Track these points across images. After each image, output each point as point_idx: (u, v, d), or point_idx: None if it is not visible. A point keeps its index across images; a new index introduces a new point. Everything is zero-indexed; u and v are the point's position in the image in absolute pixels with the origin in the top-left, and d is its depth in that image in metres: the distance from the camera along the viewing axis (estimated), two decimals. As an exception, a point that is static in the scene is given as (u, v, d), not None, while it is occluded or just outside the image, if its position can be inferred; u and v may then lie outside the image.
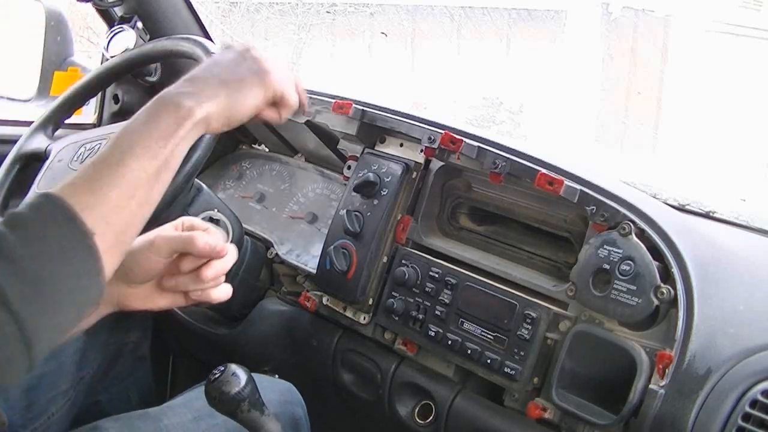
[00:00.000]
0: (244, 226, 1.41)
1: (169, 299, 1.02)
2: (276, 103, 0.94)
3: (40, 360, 0.71)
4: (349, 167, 1.38)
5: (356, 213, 1.29)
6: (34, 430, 1.24)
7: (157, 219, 1.05)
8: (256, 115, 0.93)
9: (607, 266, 1.04)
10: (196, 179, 1.30)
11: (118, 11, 1.71)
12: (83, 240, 0.73)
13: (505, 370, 1.10)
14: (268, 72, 0.91)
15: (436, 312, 1.19)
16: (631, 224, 1.04)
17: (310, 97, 1.45)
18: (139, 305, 1.01)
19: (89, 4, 1.71)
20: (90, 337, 1.23)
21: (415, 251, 1.26)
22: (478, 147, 1.20)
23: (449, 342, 1.17)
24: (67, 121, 1.54)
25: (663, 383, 0.96)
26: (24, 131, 1.49)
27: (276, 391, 1.20)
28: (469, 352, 1.14)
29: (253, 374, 0.99)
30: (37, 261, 0.70)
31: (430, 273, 1.21)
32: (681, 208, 1.33)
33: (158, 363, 1.70)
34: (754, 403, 0.89)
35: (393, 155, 1.32)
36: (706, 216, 1.33)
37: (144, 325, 1.40)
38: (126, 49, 1.61)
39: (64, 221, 0.72)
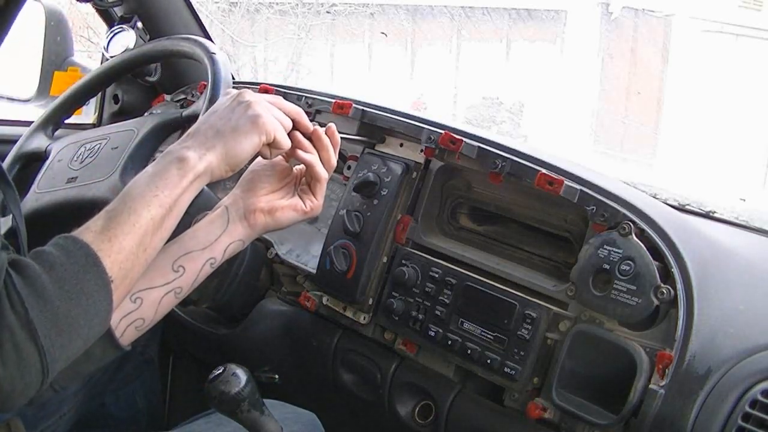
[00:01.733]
0: None
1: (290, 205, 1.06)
2: (269, 144, 0.98)
3: (49, 380, 0.78)
4: (349, 167, 1.38)
5: (356, 213, 1.29)
6: (44, 429, 1.25)
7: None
8: None
9: (607, 266, 1.04)
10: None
11: (118, 11, 1.71)
12: (105, 286, 0.80)
13: (505, 370, 1.10)
14: (259, 116, 0.95)
15: (436, 312, 1.19)
16: (631, 224, 1.04)
17: (311, 97, 1.45)
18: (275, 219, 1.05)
19: (89, 4, 1.71)
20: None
21: (415, 251, 1.26)
22: (478, 147, 1.20)
23: (449, 342, 1.17)
24: (67, 121, 1.54)
25: (663, 383, 0.96)
26: (24, 131, 1.49)
27: (300, 422, 1.20)
28: (469, 352, 1.14)
29: (274, 403, 1.01)
30: (65, 302, 0.77)
31: (430, 273, 1.21)
32: (681, 208, 1.33)
33: (158, 363, 1.71)
34: (754, 403, 0.89)
35: (393, 155, 1.32)
36: (706, 216, 1.33)
37: (153, 327, 1.41)
38: (126, 49, 1.61)
39: (89, 267, 0.80)
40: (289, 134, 1.00)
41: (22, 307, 0.73)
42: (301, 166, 1.06)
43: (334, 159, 1.05)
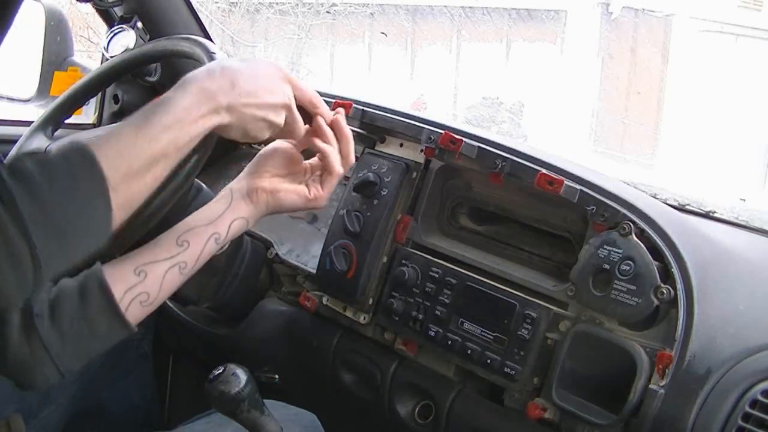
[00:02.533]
0: None
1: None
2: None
3: (45, 281, 0.76)
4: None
5: (356, 213, 1.29)
6: (39, 420, 1.25)
7: (155, 220, 1.05)
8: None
9: (607, 266, 1.04)
10: (196, 179, 1.30)
11: (118, 11, 1.71)
12: (101, 185, 0.78)
13: (505, 370, 1.10)
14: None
15: (436, 312, 1.19)
16: (631, 224, 1.04)
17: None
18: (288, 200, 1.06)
19: (89, 4, 1.71)
20: None
21: (415, 251, 1.26)
22: (478, 147, 1.20)
23: (449, 342, 1.17)
24: (67, 121, 1.53)
25: (663, 383, 0.96)
26: (24, 131, 1.49)
27: (300, 424, 1.20)
28: (469, 352, 1.14)
29: (275, 403, 1.00)
30: (57, 196, 0.75)
31: (430, 273, 1.21)
32: (681, 208, 1.33)
33: (158, 363, 1.71)
34: (754, 403, 0.89)
35: (393, 155, 1.32)
36: (706, 216, 1.33)
37: (146, 321, 1.41)
38: (126, 49, 1.61)
39: (85, 166, 0.78)
40: (310, 121, 1.00)
41: (10, 197, 0.72)
42: (314, 160, 1.07)
43: (353, 154, 1.05)
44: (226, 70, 0.91)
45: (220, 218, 1.01)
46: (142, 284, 0.93)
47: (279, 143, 1.08)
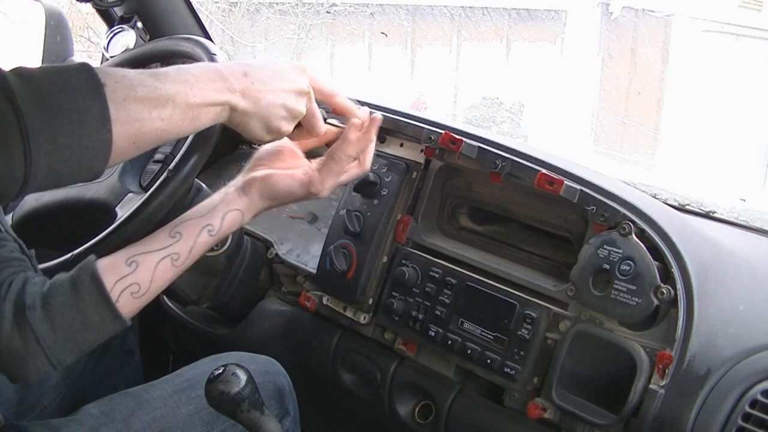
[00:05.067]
0: (243, 225, 1.41)
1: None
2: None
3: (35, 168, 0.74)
4: (349, 167, 1.38)
5: (356, 213, 1.29)
6: (28, 418, 1.25)
7: (155, 220, 1.05)
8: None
9: (607, 266, 1.04)
10: (196, 179, 1.30)
11: (118, 11, 1.71)
12: (99, 95, 0.76)
13: (505, 370, 1.10)
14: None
15: (436, 312, 1.19)
16: (631, 224, 1.04)
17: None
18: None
19: (89, 4, 1.71)
20: None
21: (415, 251, 1.26)
22: (478, 147, 1.20)
23: (449, 342, 1.17)
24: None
25: (663, 383, 0.96)
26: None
27: (256, 362, 1.21)
28: (469, 352, 1.14)
29: (232, 352, 0.99)
30: (51, 86, 0.75)
31: (430, 273, 1.21)
32: (681, 208, 1.33)
33: (158, 363, 1.71)
34: (754, 403, 0.89)
35: (393, 155, 1.32)
36: (706, 216, 1.33)
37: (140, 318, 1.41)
38: (126, 49, 1.61)
39: (83, 75, 0.77)
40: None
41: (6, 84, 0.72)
42: (317, 160, 1.06)
43: (369, 162, 1.07)
44: (240, 64, 0.91)
45: (214, 210, 1.00)
46: (133, 275, 0.92)
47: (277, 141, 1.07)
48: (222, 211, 1.00)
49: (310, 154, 1.09)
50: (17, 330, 0.85)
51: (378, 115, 1.04)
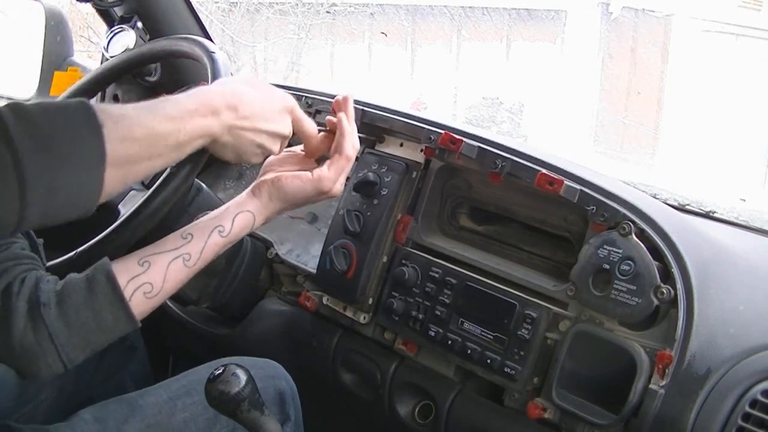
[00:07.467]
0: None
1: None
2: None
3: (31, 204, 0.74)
4: (349, 167, 1.38)
5: (356, 213, 1.29)
6: (21, 416, 1.25)
7: (155, 219, 1.05)
8: None
9: (607, 266, 1.04)
10: (195, 179, 1.30)
11: (118, 11, 1.71)
12: (95, 129, 0.78)
13: (505, 370, 1.10)
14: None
15: (436, 312, 1.19)
16: (631, 224, 1.04)
17: (310, 97, 1.45)
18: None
19: (89, 4, 1.71)
20: None
21: (415, 251, 1.26)
22: (478, 147, 1.20)
23: (449, 342, 1.17)
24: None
25: (663, 383, 0.96)
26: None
27: (257, 366, 1.21)
28: (469, 352, 1.14)
29: (232, 357, 1.00)
30: (47, 118, 0.76)
31: (430, 273, 1.21)
32: (681, 208, 1.33)
33: (158, 363, 1.70)
34: (754, 403, 0.89)
35: (393, 155, 1.32)
36: (706, 216, 1.33)
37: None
38: (126, 49, 1.61)
39: (81, 112, 0.78)
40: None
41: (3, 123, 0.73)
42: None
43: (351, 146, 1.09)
44: (234, 94, 0.94)
45: (225, 212, 1.04)
46: (145, 274, 0.94)
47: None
48: (233, 212, 1.04)
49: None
50: (31, 326, 0.86)
51: (340, 96, 1.11)
